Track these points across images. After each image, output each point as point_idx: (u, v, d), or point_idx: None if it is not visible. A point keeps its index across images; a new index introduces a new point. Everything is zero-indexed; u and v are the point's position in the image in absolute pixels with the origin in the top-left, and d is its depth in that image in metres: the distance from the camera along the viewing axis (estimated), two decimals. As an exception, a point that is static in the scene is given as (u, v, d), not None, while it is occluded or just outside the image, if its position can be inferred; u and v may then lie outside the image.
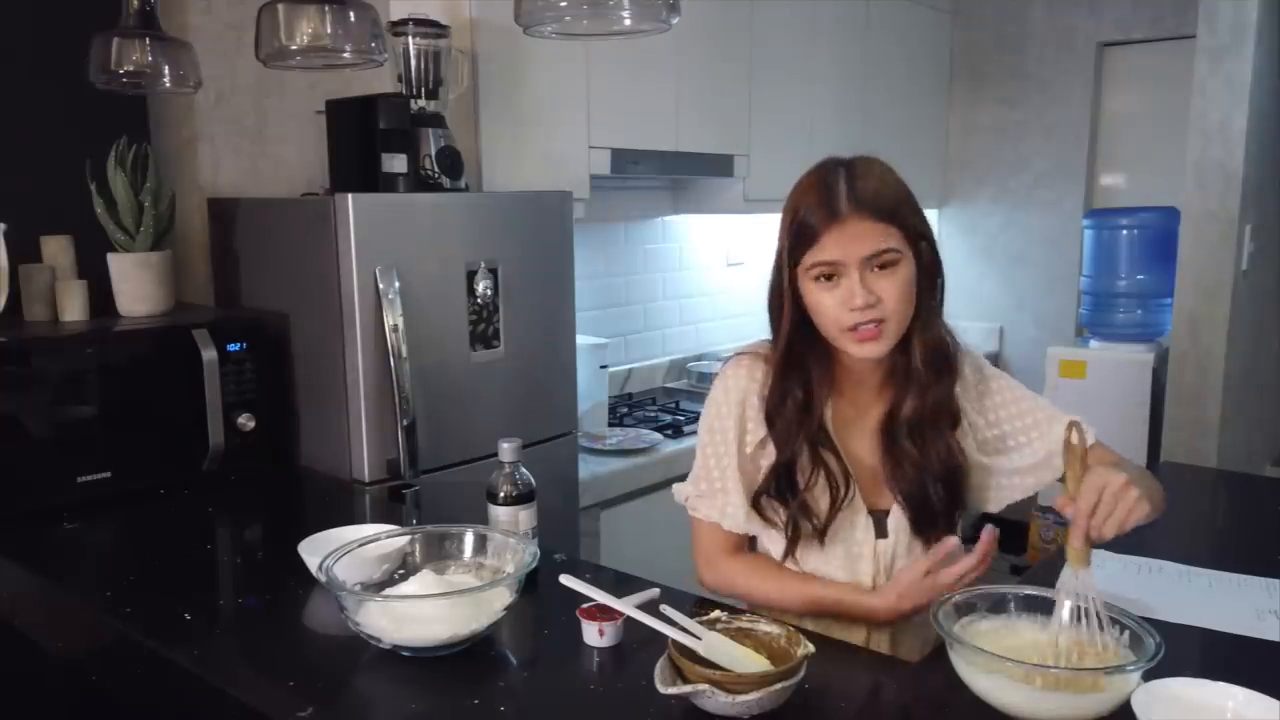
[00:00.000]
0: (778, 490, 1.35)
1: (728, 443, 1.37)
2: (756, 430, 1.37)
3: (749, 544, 1.46)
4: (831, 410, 1.37)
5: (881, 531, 1.37)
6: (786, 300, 1.32)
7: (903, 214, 1.29)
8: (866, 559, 1.36)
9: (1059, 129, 4.14)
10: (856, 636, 1.36)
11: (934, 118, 4.34)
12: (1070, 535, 1.12)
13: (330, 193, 2.05)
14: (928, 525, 1.35)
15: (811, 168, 1.33)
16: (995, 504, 1.42)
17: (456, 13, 2.46)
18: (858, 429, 1.39)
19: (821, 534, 1.35)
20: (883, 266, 1.27)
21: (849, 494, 1.34)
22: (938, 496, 1.34)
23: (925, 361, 1.33)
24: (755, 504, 1.36)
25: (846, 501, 1.34)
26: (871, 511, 1.37)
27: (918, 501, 1.34)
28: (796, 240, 1.28)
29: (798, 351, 1.34)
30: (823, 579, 1.37)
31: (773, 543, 1.40)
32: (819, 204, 1.26)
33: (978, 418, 1.41)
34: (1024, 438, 1.39)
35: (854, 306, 1.26)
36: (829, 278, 1.27)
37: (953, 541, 1.28)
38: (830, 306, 1.28)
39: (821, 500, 1.34)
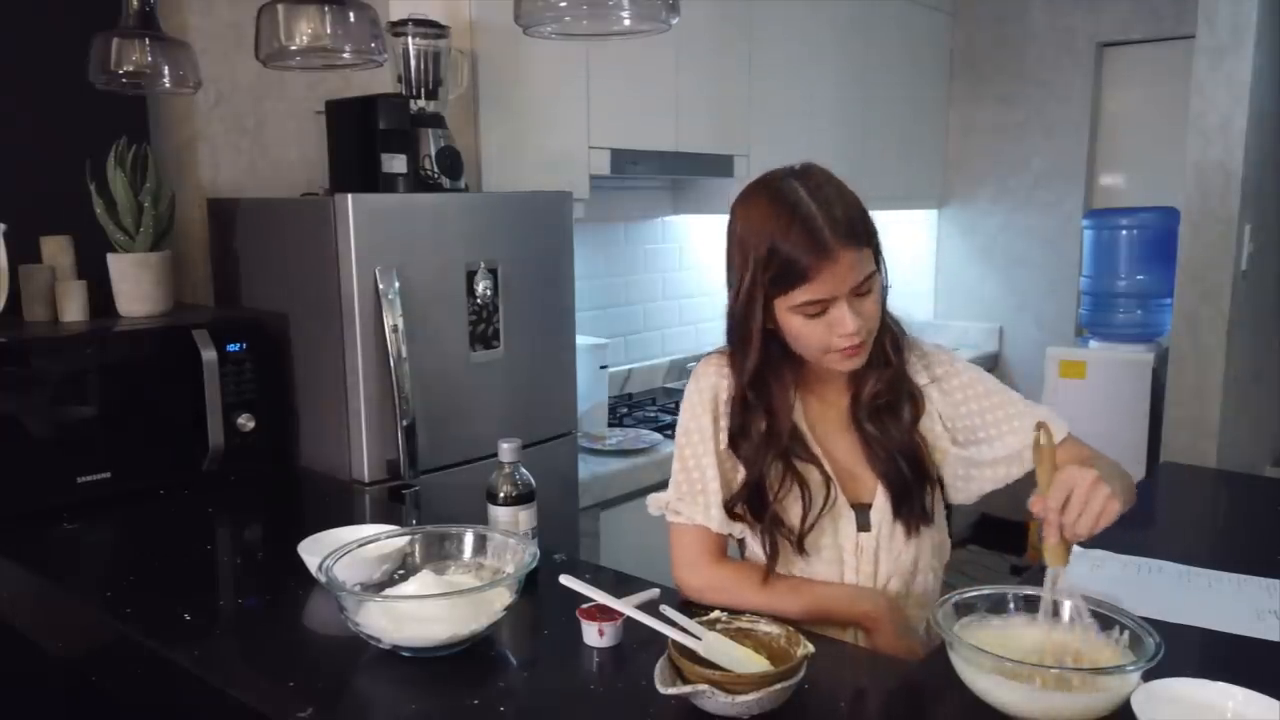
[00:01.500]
0: (748, 505, 1.35)
1: (705, 440, 1.37)
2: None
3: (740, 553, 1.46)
4: (804, 411, 1.38)
5: (864, 525, 1.37)
6: (756, 333, 1.31)
7: (871, 231, 1.29)
8: (849, 552, 1.37)
9: (1059, 129, 4.15)
10: (845, 636, 1.36)
11: (934, 117, 4.34)
12: (1045, 534, 1.13)
13: (330, 193, 2.04)
14: (906, 506, 1.36)
15: (762, 189, 1.30)
16: (966, 495, 1.42)
17: (456, 13, 2.46)
18: (832, 425, 1.40)
19: (799, 543, 1.35)
20: (868, 289, 1.28)
21: (830, 499, 1.35)
22: (911, 475, 1.36)
23: (879, 348, 1.36)
24: (729, 511, 1.36)
25: (828, 507, 1.35)
26: (853, 505, 1.37)
27: (895, 480, 1.36)
28: (781, 277, 1.25)
29: (763, 377, 1.34)
30: (816, 582, 1.36)
31: (760, 546, 1.39)
32: (805, 240, 1.23)
33: (948, 408, 1.41)
34: (994, 430, 1.39)
35: (846, 333, 1.26)
36: (819, 312, 1.27)
37: None
38: (818, 335, 1.28)
39: (792, 510, 1.35)
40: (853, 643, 1.34)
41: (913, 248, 4.50)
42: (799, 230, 1.23)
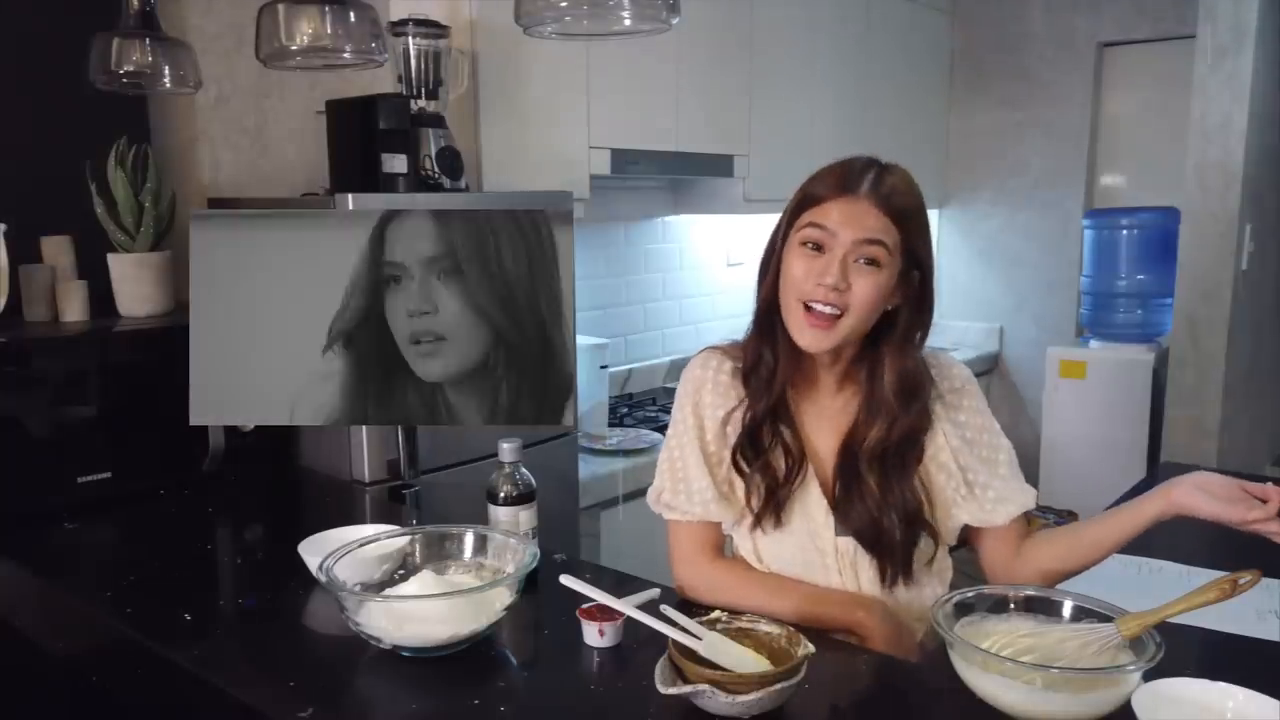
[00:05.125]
0: (747, 446, 1.35)
1: (688, 431, 1.38)
2: (714, 415, 1.37)
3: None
4: (796, 394, 1.38)
5: (843, 529, 1.35)
6: (773, 261, 1.34)
7: (911, 224, 1.29)
8: (829, 554, 1.35)
9: (1059, 129, 4.14)
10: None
11: (934, 118, 4.34)
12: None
13: (330, 193, 2.04)
14: (885, 558, 1.33)
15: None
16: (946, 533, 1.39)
17: (456, 13, 2.46)
18: (823, 420, 1.38)
19: (779, 507, 1.33)
20: (868, 261, 1.26)
21: (801, 472, 1.34)
22: (896, 533, 1.31)
23: (896, 391, 1.32)
24: (734, 459, 1.35)
25: (799, 477, 1.34)
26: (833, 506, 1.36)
27: (871, 538, 1.32)
28: (801, 202, 1.31)
29: (772, 319, 1.34)
30: (813, 585, 1.35)
31: (741, 539, 1.39)
32: (837, 178, 1.29)
33: (956, 440, 1.37)
34: (985, 469, 1.37)
35: (822, 282, 1.26)
36: (816, 247, 1.27)
37: None
38: (800, 273, 1.28)
39: (779, 464, 1.34)
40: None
41: (913, 248, 4.50)
42: (836, 170, 1.30)
